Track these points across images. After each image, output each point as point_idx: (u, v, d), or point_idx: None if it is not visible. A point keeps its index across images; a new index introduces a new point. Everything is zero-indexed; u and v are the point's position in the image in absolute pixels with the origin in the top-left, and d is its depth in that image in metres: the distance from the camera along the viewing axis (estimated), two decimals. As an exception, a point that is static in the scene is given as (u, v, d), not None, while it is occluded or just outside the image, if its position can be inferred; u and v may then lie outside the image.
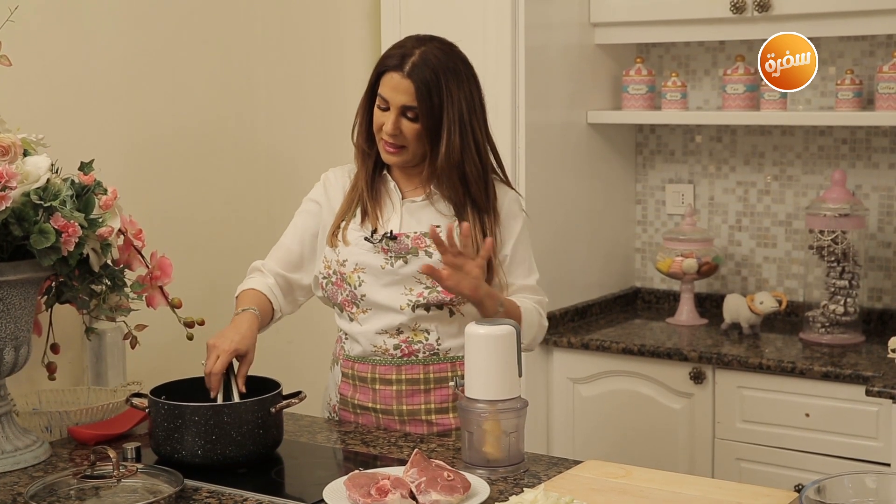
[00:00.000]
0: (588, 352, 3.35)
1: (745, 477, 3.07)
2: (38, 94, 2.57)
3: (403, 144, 2.35)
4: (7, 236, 2.10)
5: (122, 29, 2.77)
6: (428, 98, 2.30)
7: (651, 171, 3.83)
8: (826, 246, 3.25)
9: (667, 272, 3.55)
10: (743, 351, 3.17)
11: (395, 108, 2.32)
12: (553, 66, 3.43)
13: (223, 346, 2.26)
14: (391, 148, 2.35)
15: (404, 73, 2.31)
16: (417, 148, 2.36)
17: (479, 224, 2.38)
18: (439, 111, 2.31)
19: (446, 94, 2.31)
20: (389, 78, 2.33)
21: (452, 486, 1.90)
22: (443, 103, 2.31)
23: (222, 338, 2.28)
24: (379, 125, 2.36)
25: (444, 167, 2.34)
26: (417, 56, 2.32)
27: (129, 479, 2.03)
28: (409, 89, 2.30)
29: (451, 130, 2.32)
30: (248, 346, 2.29)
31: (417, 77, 2.30)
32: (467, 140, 2.34)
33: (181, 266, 2.46)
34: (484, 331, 2.11)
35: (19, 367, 2.24)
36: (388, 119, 2.33)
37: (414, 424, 2.40)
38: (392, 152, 2.36)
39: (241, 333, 2.30)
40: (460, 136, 2.33)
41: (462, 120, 2.33)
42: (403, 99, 2.31)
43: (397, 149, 2.35)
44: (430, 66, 2.31)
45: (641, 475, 2.05)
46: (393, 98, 2.32)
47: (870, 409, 2.92)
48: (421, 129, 2.33)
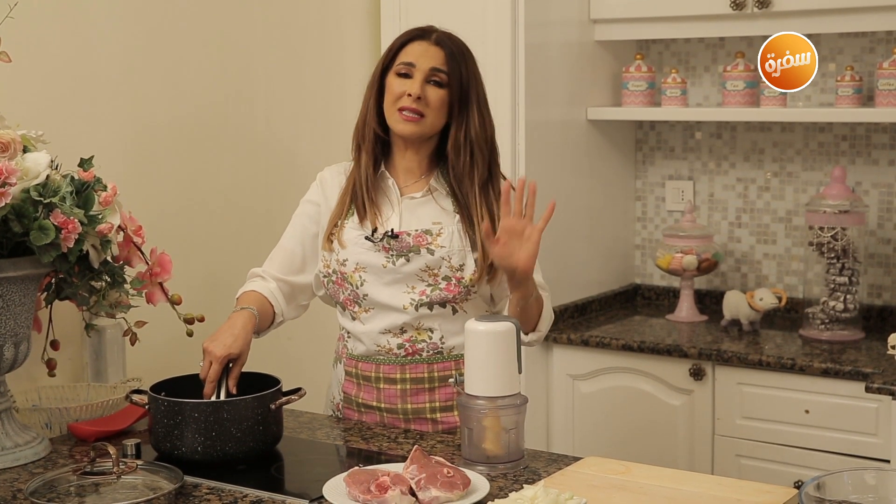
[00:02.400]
0: (588, 348, 3.35)
1: (744, 473, 3.07)
2: (37, 91, 2.57)
3: (423, 113, 2.33)
4: (7, 233, 2.10)
5: (121, 26, 2.77)
6: (457, 67, 2.34)
7: (651, 168, 3.83)
8: (826, 242, 3.25)
9: (667, 269, 3.55)
10: (743, 347, 3.17)
11: (422, 72, 2.33)
12: (553, 62, 3.42)
13: (216, 352, 2.25)
14: (411, 115, 2.33)
15: (432, 41, 2.35)
16: (436, 119, 2.35)
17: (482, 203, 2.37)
18: (467, 83, 2.35)
19: (472, 69, 2.37)
20: (416, 45, 2.35)
21: (452, 483, 1.90)
22: (469, 78, 2.36)
23: (216, 342, 2.26)
24: (400, 93, 2.33)
25: (478, 138, 2.35)
26: (442, 31, 2.37)
27: (128, 476, 2.03)
28: (438, 54, 2.34)
29: (481, 106, 2.37)
30: (241, 349, 2.28)
31: (447, 46, 2.35)
32: (486, 119, 2.38)
33: (181, 262, 2.46)
34: (484, 327, 2.11)
35: (19, 364, 2.24)
36: (412, 83, 2.32)
37: (419, 423, 2.40)
38: (411, 119, 2.33)
39: (235, 335, 2.28)
40: (479, 115, 2.36)
41: (483, 100, 2.39)
42: (433, 62, 2.33)
43: (417, 116, 2.33)
44: (456, 42, 2.38)
45: (641, 472, 2.05)
46: (420, 62, 2.33)
47: (869, 406, 2.92)
48: (445, 97, 2.33)
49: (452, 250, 2.35)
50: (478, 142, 2.36)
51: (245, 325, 2.31)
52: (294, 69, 3.27)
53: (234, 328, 2.30)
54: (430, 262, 2.35)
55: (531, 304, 2.30)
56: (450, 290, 2.35)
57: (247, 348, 2.29)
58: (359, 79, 3.43)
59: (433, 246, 2.35)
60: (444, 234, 2.36)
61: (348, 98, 3.38)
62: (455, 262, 2.36)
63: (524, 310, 2.29)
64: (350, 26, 3.45)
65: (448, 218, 2.38)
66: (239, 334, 2.28)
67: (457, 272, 2.36)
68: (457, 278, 2.36)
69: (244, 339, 2.29)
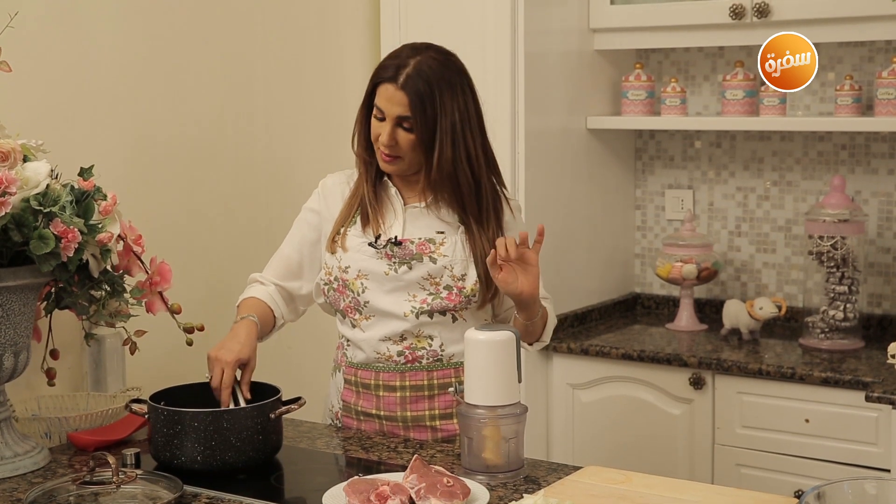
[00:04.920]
0: (588, 357, 3.35)
1: (744, 483, 3.07)
2: (37, 100, 2.57)
3: (399, 154, 2.35)
4: (7, 242, 2.10)
5: (122, 35, 2.77)
6: (422, 110, 2.30)
7: (650, 177, 3.83)
8: (825, 251, 3.25)
9: (666, 278, 3.55)
10: (742, 356, 3.17)
11: (391, 119, 2.32)
12: (552, 72, 3.43)
13: (226, 357, 2.26)
14: (387, 157, 2.36)
15: (398, 85, 2.30)
16: (413, 158, 2.36)
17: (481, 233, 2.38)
18: (433, 122, 2.31)
19: (440, 106, 2.31)
20: (384, 89, 2.32)
21: (452, 492, 1.90)
22: (437, 114, 2.31)
23: (224, 350, 2.28)
24: (376, 135, 2.36)
25: (436, 178, 2.34)
26: (412, 67, 2.31)
27: (128, 485, 2.03)
28: (402, 101, 2.30)
29: (444, 142, 2.32)
30: (250, 354, 2.30)
31: (411, 89, 2.29)
32: (459, 152, 2.33)
33: (181, 272, 2.46)
34: (484, 336, 2.11)
35: (18, 373, 2.24)
36: (384, 130, 2.33)
37: (418, 430, 2.40)
38: (389, 161, 2.36)
39: (241, 342, 2.30)
40: (452, 148, 2.32)
41: (454, 131, 2.32)
42: (398, 110, 2.31)
43: (393, 158, 2.35)
44: (424, 77, 2.30)
45: (641, 481, 2.05)
46: (388, 109, 2.32)
47: (869, 415, 2.91)
48: (416, 140, 2.33)
49: (455, 259, 2.36)
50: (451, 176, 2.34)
51: (249, 333, 2.33)
52: (294, 78, 3.27)
53: (239, 336, 2.32)
54: (433, 271, 2.36)
55: (537, 322, 2.38)
56: (451, 299, 2.36)
57: (255, 354, 2.32)
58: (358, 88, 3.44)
59: (436, 254, 2.36)
60: (448, 244, 2.37)
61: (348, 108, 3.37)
62: (457, 271, 2.36)
63: (530, 327, 2.37)
64: (350, 35, 3.45)
65: (451, 227, 2.39)
66: (245, 341, 2.31)
67: (458, 281, 2.36)
68: (458, 287, 2.36)
69: (251, 346, 2.31)
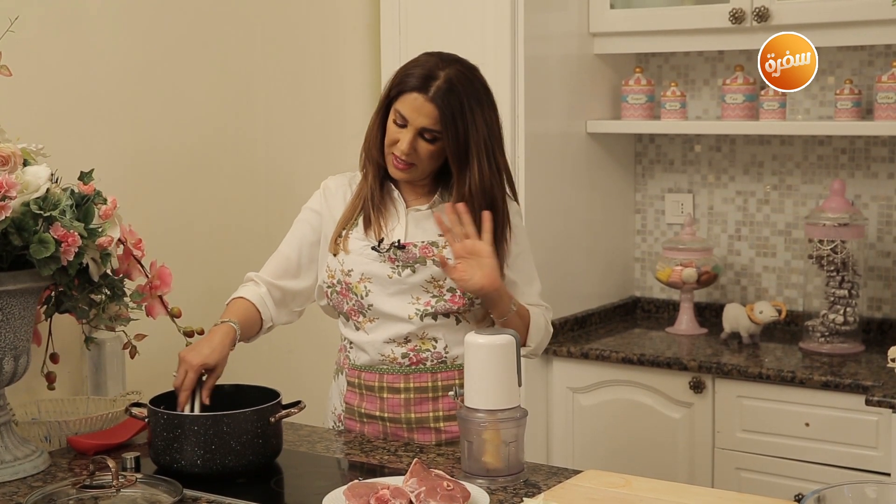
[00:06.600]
0: (587, 361, 3.34)
1: (745, 487, 3.07)
2: (37, 104, 2.57)
3: (414, 163, 2.34)
4: (7, 246, 2.10)
5: (121, 40, 2.78)
6: (453, 125, 2.29)
7: (650, 181, 3.83)
8: (825, 255, 3.25)
9: (666, 281, 3.55)
10: (742, 360, 3.17)
11: (413, 129, 2.30)
12: (552, 76, 3.43)
13: (192, 360, 2.26)
14: (401, 164, 2.34)
15: (428, 97, 2.28)
16: (427, 166, 2.36)
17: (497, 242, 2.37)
18: (464, 137, 2.30)
19: (471, 121, 2.30)
20: (412, 98, 2.30)
21: (452, 496, 1.90)
22: (468, 130, 2.30)
23: (193, 352, 2.28)
24: (393, 140, 2.34)
25: (476, 192, 2.33)
26: (442, 80, 2.29)
27: (128, 489, 2.04)
28: (432, 113, 2.28)
29: (480, 157, 2.32)
30: (218, 360, 2.29)
31: (443, 103, 2.28)
32: (493, 166, 2.34)
33: (181, 275, 2.46)
34: (484, 340, 2.11)
35: (18, 377, 2.24)
36: (403, 137, 2.31)
37: (422, 432, 2.40)
38: (402, 168, 2.35)
39: (212, 347, 2.29)
40: (488, 163, 2.32)
41: (487, 146, 2.32)
42: (424, 122, 2.29)
43: (408, 166, 2.34)
44: (456, 92, 2.29)
45: (641, 485, 2.05)
46: (413, 118, 2.30)
47: (869, 419, 2.91)
48: (436, 149, 2.32)
49: None
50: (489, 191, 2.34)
51: (223, 339, 2.31)
52: (294, 84, 3.27)
53: (213, 341, 2.31)
54: (437, 274, 2.36)
55: (512, 318, 2.35)
56: (455, 301, 2.36)
57: (223, 361, 2.30)
58: (358, 92, 3.46)
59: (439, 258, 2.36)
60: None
61: (347, 113, 3.38)
62: None
63: (506, 325, 2.33)
64: (350, 40, 3.45)
65: (454, 231, 2.39)
66: (216, 346, 2.29)
67: (463, 284, 2.36)
68: (462, 290, 2.36)
69: (221, 352, 2.30)
